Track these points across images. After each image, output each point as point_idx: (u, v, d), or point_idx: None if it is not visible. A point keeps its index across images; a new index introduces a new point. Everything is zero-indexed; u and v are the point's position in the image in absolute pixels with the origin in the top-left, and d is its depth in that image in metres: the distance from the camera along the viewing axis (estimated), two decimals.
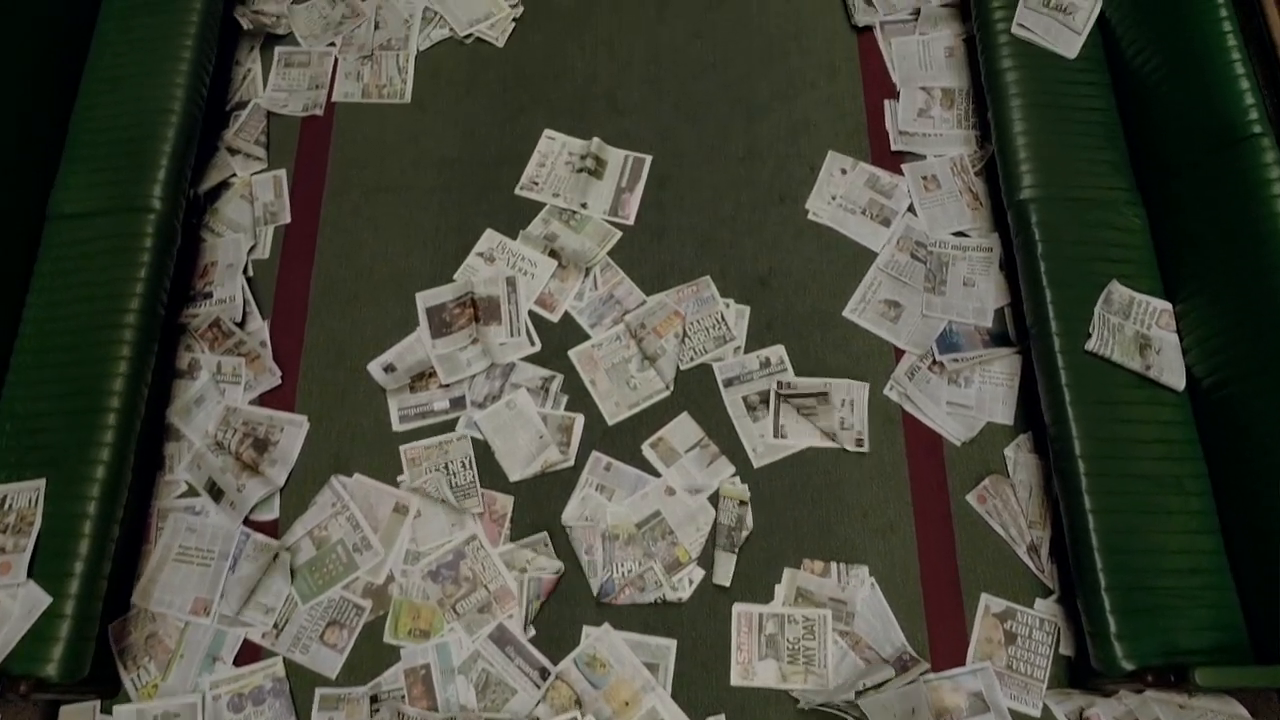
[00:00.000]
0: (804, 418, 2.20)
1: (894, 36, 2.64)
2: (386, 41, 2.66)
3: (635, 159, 2.51)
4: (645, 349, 2.28)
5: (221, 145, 2.50)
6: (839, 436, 2.18)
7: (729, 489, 2.13)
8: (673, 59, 2.64)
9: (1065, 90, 2.27)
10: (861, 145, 2.52)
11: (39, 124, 2.20)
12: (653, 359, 2.27)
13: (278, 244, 2.42)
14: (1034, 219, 2.13)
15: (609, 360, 2.29)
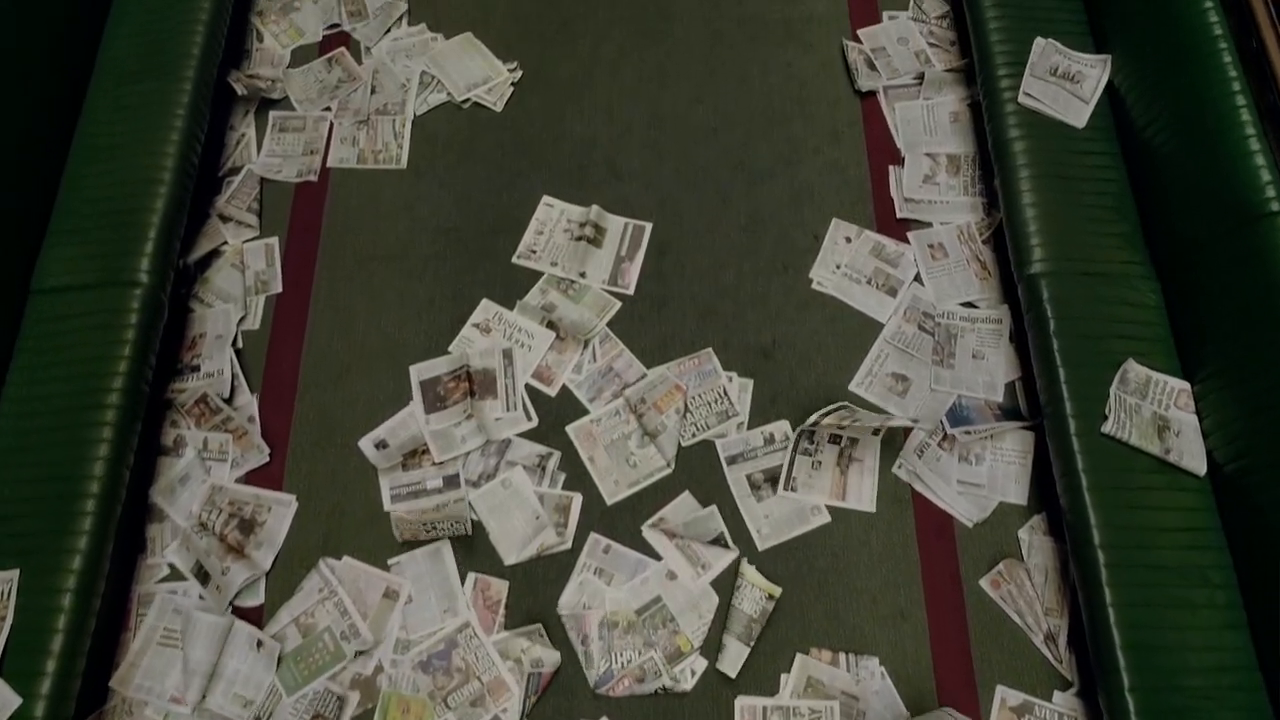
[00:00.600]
0: (817, 473, 2.13)
1: (897, 101, 2.61)
2: (383, 106, 2.62)
3: (635, 226, 2.46)
4: (646, 424, 2.21)
5: (213, 213, 2.45)
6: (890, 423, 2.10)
7: (758, 580, 2.05)
8: (673, 124, 2.60)
9: (1074, 160, 2.22)
10: (866, 212, 2.47)
11: (24, 195, 2.16)
12: (653, 435, 2.20)
13: (268, 314, 2.36)
14: (1046, 294, 2.07)
15: (608, 436, 2.22)
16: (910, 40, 2.69)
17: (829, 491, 2.15)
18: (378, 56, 2.69)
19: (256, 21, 2.75)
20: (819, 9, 2.77)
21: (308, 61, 2.69)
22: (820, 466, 2.16)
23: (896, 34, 2.71)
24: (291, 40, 2.73)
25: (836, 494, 2.15)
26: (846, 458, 2.17)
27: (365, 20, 2.75)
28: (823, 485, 2.15)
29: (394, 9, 2.76)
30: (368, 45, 2.71)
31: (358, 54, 2.71)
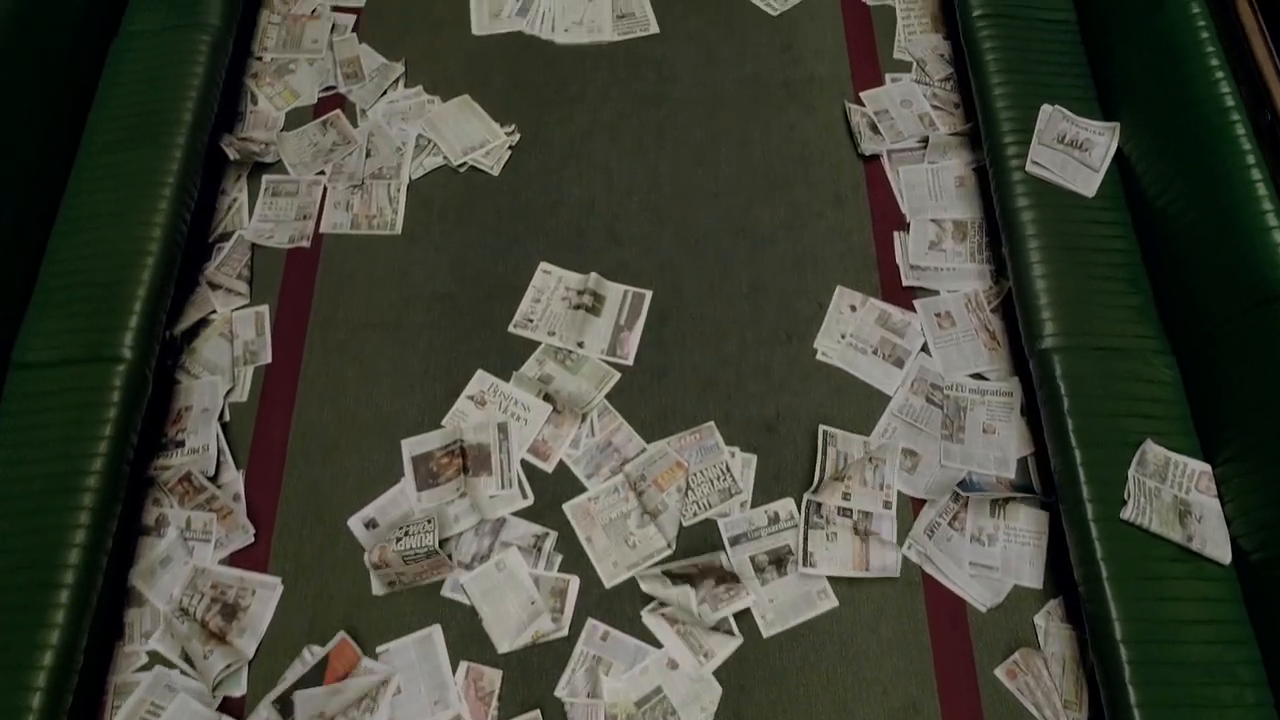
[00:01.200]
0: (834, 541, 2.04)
1: (902, 165, 2.56)
2: (378, 170, 2.58)
3: (635, 294, 2.40)
4: (646, 503, 2.13)
5: (202, 280, 2.39)
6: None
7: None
8: (673, 188, 2.55)
9: (1085, 231, 2.17)
10: (871, 280, 2.41)
11: (7, 265, 2.10)
12: (654, 514, 2.12)
13: (257, 386, 2.29)
14: (1059, 370, 2.00)
15: (606, 515, 2.14)
16: (914, 103, 2.65)
17: (850, 563, 2.06)
18: (373, 119, 2.65)
19: (251, 84, 2.71)
20: (820, 70, 2.74)
21: (302, 124, 2.65)
22: (835, 538, 2.08)
23: (900, 96, 2.67)
24: (287, 102, 2.69)
25: (859, 564, 2.06)
26: (863, 531, 2.09)
27: (361, 82, 2.71)
28: (843, 557, 2.06)
29: (391, 71, 2.73)
30: (363, 108, 2.67)
31: (353, 117, 2.67)
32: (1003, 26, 2.44)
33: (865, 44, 2.79)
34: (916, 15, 2.82)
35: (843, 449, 2.19)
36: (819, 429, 2.18)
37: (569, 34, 2.81)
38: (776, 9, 2.85)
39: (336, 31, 2.81)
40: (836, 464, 2.15)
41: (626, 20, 2.83)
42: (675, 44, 2.79)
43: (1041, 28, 2.46)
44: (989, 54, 2.41)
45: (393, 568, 2.02)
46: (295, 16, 2.83)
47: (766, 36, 2.81)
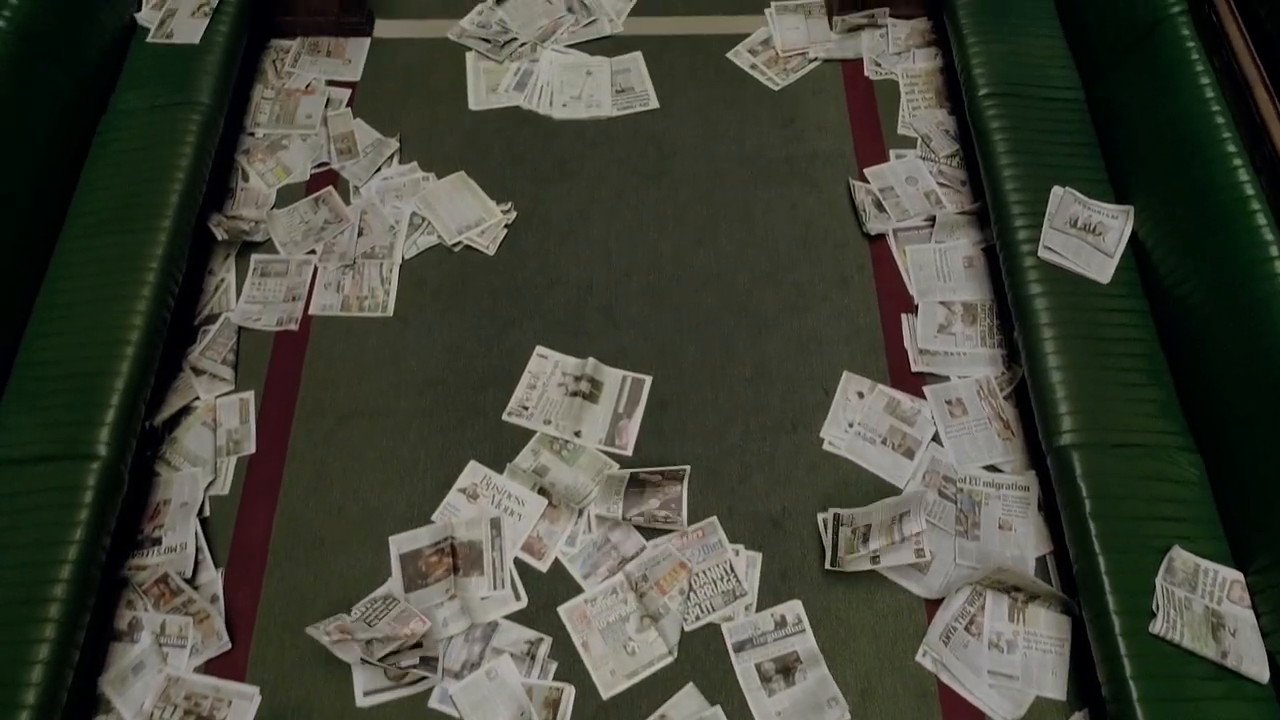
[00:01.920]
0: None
1: (908, 244, 2.50)
2: (370, 249, 2.51)
3: (634, 380, 2.32)
4: (647, 606, 2.02)
5: (185, 365, 2.30)
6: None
7: None
8: (674, 268, 2.48)
9: (1101, 319, 2.09)
10: (879, 364, 2.33)
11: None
12: (654, 618, 2.01)
13: (240, 478, 2.19)
14: (1078, 469, 1.91)
15: (604, 619, 2.03)
16: (919, 180, 2.60)
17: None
18: (366, 197, 2.59)
19: (242, 160, 2.65)
20: (824, 146, 2.69)
21: (294, 201, 2.59)
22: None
23: (905, 173, 2.61)
24: (278, 179, 2.63)
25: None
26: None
27: (355, 158, 2.66)
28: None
29: (385, 147, 2.67)
30: (356, 185, 2.62)
31: (346, 194, 2.61)
32: (1010, 105, 2.39)
33: (869, 119, 2.74)
34: (920, 90, 2.78)
35: (860, 523, 2.07)
36: (828, 514, 2.08)
37: (567, 109, 2.76)
38: (778, 84, 2.81)
39: (331, 106, 2.77)
40: (852, 543, 2.03)
41: (626, 95, 2.79)
42: (675, 119, 2.75)
43: (1049, 106, 2.41)
44: (996, 134, 2.35)
45: (356, 634, 1.89)
46: (289, 91, 2.78)
47: (768, 111, 2.76)
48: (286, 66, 2.83)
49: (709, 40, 2.91)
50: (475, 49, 2.88)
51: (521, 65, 2.85)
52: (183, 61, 2.49)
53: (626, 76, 2.83)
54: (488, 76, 2.83)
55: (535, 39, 2.89)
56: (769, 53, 2.88)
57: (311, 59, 2.86)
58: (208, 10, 2.55)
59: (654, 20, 2.96)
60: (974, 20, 2.56)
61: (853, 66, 2.85)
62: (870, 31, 2.89)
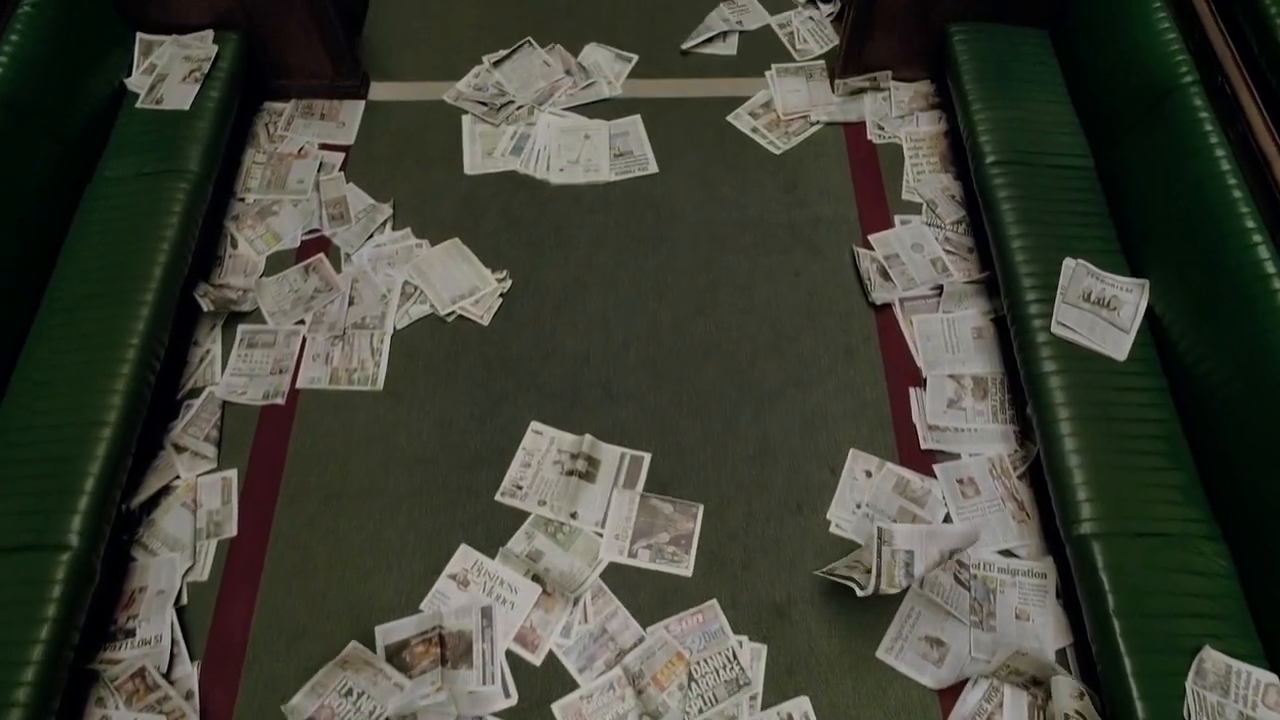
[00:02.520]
0: None
1: (915, 314, 2.42)
2: (361, 319, 2.43)
3: (633, 458, 2.23)
4: (645, 703, 1.91)
5: (167, 443, 2.22)
6: None
7: None
8: (673, 340, 2.41)
9: (1119, 399, 2.01)
10: (887, 441, 2.24)
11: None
12: (654, 716, 1.90)
13: (219, 563, 2.09)
14: (1100, 561, 1.81)
15: (600, 716, 1.92)
16: (925, 247, 2.53)
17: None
18: (358, 264, 2.53)
19: (231, 227, 2.59)
20: (826, 212, 2.63)
21: (283, 269, 2.52)
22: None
23: (910, 240, 2.55)
24: (268, 246, 2.57)
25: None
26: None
27: (347, 224, 2.59)
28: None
29: (378, 213, 2.61)
30: (348, 252, 2.55)
31: (337, 261, 2.54)
32: (1018, 174, 2.33)
33: (872, 184, 2.68)
34: (924, 154, 2.73)
35: (901, 545, 1.94)
36: (875, 529, 1.93)
37: (565, 174, 2.71)
38: (780, 147, 2.76)
39: (324, 170, 2.71)
40: (893, 571, 1.91)
41: (624, 159, 2.74)
42: (675, 184, 2.69)
43: (1058, 175, 2.35)
44: (1004, 203, 2.29)
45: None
46: (281, 155, 2.73)
47: (770, 176, 2.71)
48: (279, 130, 2.79)
49: (709, 103, 2.87)
50: (471, 112, 2.84)
51: (518, 129, 2.80)
52: (172, 128, 2.44)
53: (625, 140, 2.78)
54: (484, 140, 2.78)
55: (532, 102, 2.85)
56: (770, 115, 2.83)
57: (305, 122, 2.81)
58: (198, 76, 2.50)
59: (653, 83, 2.92)
60: (979, 85, 2.51)
61: (855, 130, 2.80)
62: (873, 94, 2.84)
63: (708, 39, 3.01)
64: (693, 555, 2.09)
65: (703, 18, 3.07)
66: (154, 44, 2.59)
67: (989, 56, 2.59)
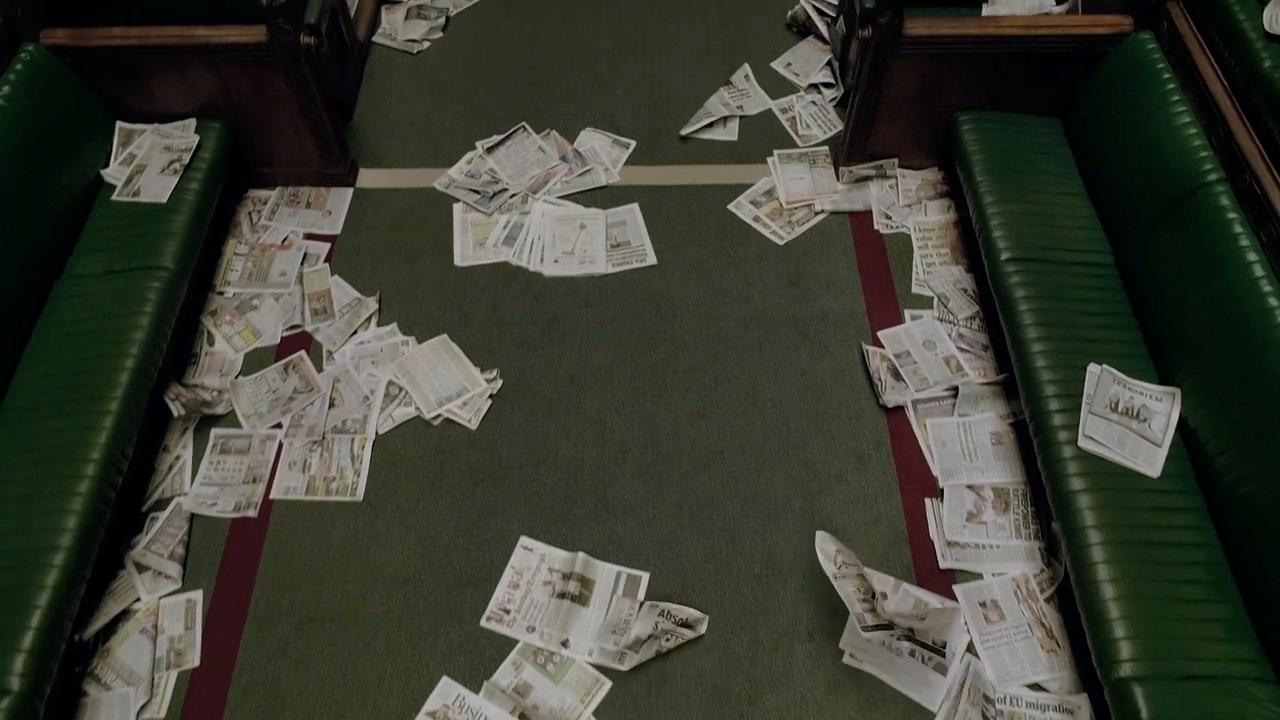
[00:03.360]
0: None
1: (929, 418, 2.29)
2: (341, 423, 2.30)
3: (630, 576, 2.07)
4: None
5: (128, 561, 2.06)
6: None
7: None
8: (673, 445, 2.27)
9: (1154, 520, 1.86)
10: (902, 558, 2.09)
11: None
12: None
13: (179, 697, 1.92)
14: (1143, 710, 1.64)
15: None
16: (938, 344, 2.41)
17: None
18: (341, 363, 2.40)
19: (208, 322, 2.47)
20: (833, 306, 2.51)
21: (262, 368, 2.39)
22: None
23: (921, 336, 2.42)
24: (247, 343, 2.44)
25: None
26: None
27: (330, 320, 2.47)
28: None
29: (363, 308, 2.49)
30: (330, 349, 2.42)
31: (319, 359, 2.41)
32: (1035, 272, 2.22)
33: (881, 276, 2.57)
34: (934, 245, 2.62)
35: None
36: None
37: (559, 265, 2.60)
38: (783, 237, 2.65)
39: (308, 262, 2.60)
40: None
41: (622, 250, 2.63)
42: (675, 277, 2.58)
43: (1078, 273, 2.23)
44: (1022, 303, 2.17)
45: None
46: (264, 246, 2.62)
47: (773, 268, 2.60)
48: (263, 219, 2.68)
49: (709, 191, 2.77)
50: (463, 200, 2.74)
51: (511, 218, 2.70)
52: (148, 221, 2.34)
53: (622, 230, 2.67)
54: (475, 230, 2.68)
55: (526, 190, 2.75)
56: (773, 204, 2.73)
57: (290, 210, 2.71)
58: (178, 167, 2.40)
59: (651, 170, 2.83)
60: (990, 177, 2.41)
61: (861, 219, 2.70)
62: (879, 182, 2.75)
63: (708, 124, 2.93)
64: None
65: (702, 102, 3.00)
66: (134, 133, 2.50)
67: (999, 145, 2.50)
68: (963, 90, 2.53)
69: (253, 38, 2.35)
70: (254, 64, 2.42)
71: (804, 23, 3.19)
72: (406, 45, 3.20)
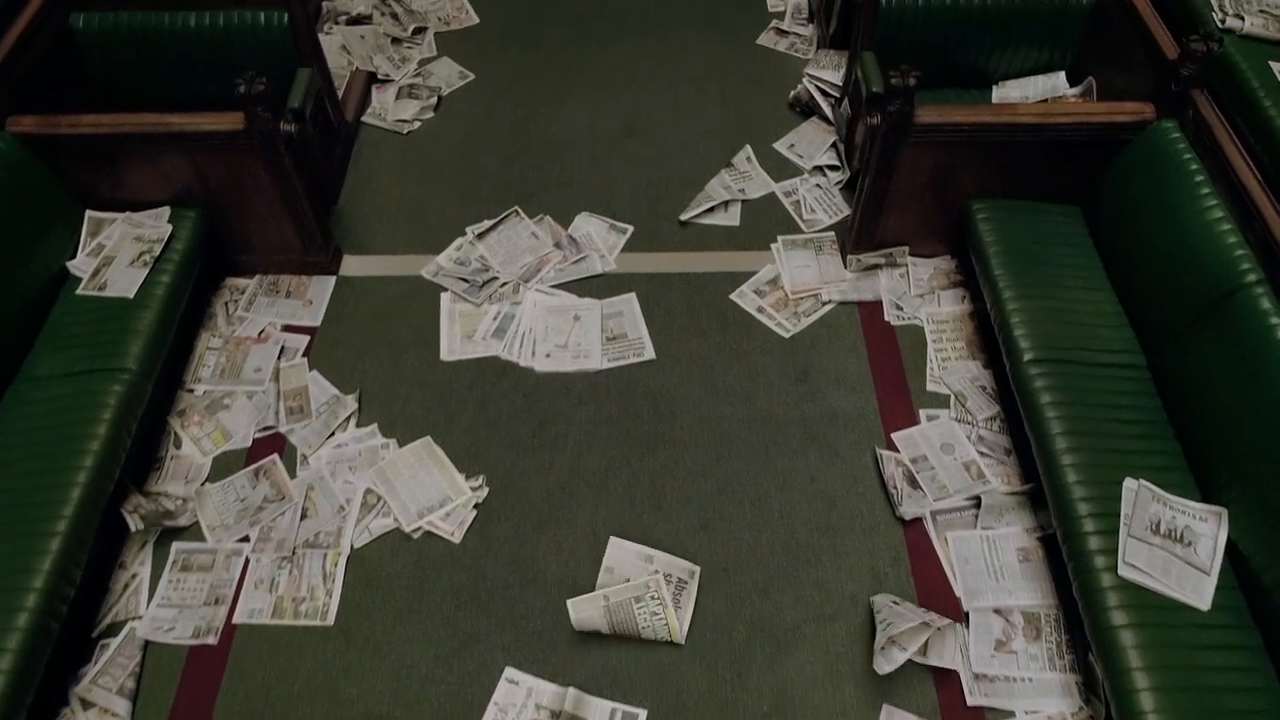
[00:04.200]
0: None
1: (950, 530, 2.11)
2: (314, 536, 2.12)
3: (625, 714, 1.88)
4: None
5: (72, 698, 1.87)
6: None
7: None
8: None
9: (1206, 660, 1.67)
10: (926, 695, 1.89)
11: None
12: None
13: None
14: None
15: None
16: (956, 448, 2.24)
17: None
18: (315, 468, 2.23)
19: (175, 424, 2.31)
20: (843, 405, 2.35)
21: (231, 473, 2.22)
22: None
23: (939, 439, 2.26)
24: (216, 445, 2.28)
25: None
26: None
27: (306, 420, 2.31)
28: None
29: (341, 407, 2.34)
30: (305, 452, 2.26)
31: (293, 464, 2.24)
32: (1060, 374, 2.07)
33: (893, 372, 2.42)
34: (949, 338, 2.47)
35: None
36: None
37: (552, 360, 2.45)
38: (789, 330, 2.51)
39: (285, 356, 2.45)
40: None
41: (618, 343, 2.48)
42: (674, 373, 2.43)
43: (1106, 375, 2.08)
44: (1048, 409, 2.01)
45: None
46: (239, 339, 2.48)
47: (779, 363, 2.45)
48: (239, 310, 2.54)
49: (710, 279, 2.64)
50: (451, 289, 2.60)
51: (502, 308, 2.56)
52: (113, 318, 2.19)
53: (619, 321, 2.53)
54: (463, 321, 2.53)
55: (518, 278, 2.62)
56: (777, 293, 2.59)
57: (269, 300, 2.57)
58: (148, 259, 2.27)
59: (649, 256, 2.70)
60: (1009, 271, 2.27)
61: (871, 309, 2.55)
62: (889, 271, 2.62)
63: (708, 209, 2.80)
64: None
65: (702, 185, 2.88)
66: (104, 222, 2.38)
67: (1016, 234, 2.37)
68: (976, 177, 2.41)
69: (230, 125, 2.23)
70: (231, 150, 2.30)
71: (807, 103, 3.09)
72: (396, 125, 3.10)
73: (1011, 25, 2.60)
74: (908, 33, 2.62)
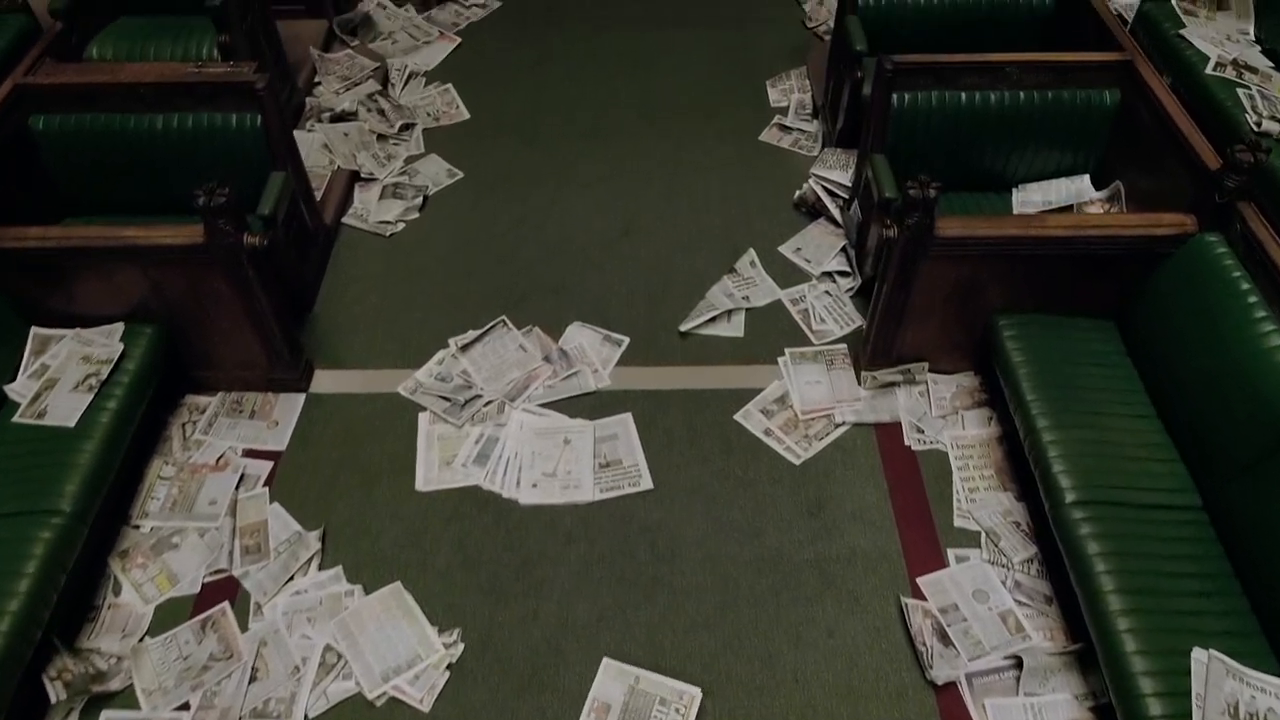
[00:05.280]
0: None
1: (989, 697, 1.85)
2: (263, 704, 1.86)
3: None
4: None
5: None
6: None
7: None
8: None
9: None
10: None
11: None
12: None
13: None
14: None
15: None
16: (991, 595, 2.00)
17: None
18: (270, 619, 1.98)
19: (116, 566, 2.07)
20: (862, 543, 2.12)
21: (174, 626, 1.97)
22: None
23: (970, 585, 2.02)
24: (160, 591, 2.03)
25: None
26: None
27: (263, 561, 2.07)
28: None
29: (303, 547, 2.10)
30: (259, 600, 2.01)
31: (245, 612, 2.00)
32: (1109, 521, 1.83)
33: (916, 505, 2.19)
34: (976, 465, 2.25)
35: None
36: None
37: (538, 490, 2.22)
38: (800, 455, 2.29)
39: (244, 485, 2.22)
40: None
41: (612, 471, 2.25)
42: (674, 506, 2.19)
43: (1160, 519, 1.85)
44: (1098, 562, 1.77)
45: None
46: (195, 467, 2.25)
47: (789, 493, 2.22)
48: (197, 433, 2.32)
49: (713, 397, 2.42)
50: (430, 408, 2.39)
51: (485, 430, 2.34)
52: (50, 450, 1.97)
53: (613, 446, 2.31)
54: (442, 445, 2.31)
55: (504, 396, 2.41)
56: (786, 414, 2.38)
57: (230, 422, 2.36)
58: (94, 383, 2.06)
59: (647, 371, 2.49)
60: (1041, 394, 2.06)
61: (889, 432, 2.33)
62: (907, 389, 2.41)
63: (710, 318, 2.61)
64: None
65: (704, 291, 2.69)
66: (50, 340, 2.18)
67: (1047, 353, 2.16)
68: (1002, 290, 2.22)
69: (189, 239, 2.06)
70: (191, 264, 2.11)
71: (813, 204, 2.92)
72: (379, 227, 2.93)
73: (1033, 127, 2.45)
74: (921, 134, 2.46)
